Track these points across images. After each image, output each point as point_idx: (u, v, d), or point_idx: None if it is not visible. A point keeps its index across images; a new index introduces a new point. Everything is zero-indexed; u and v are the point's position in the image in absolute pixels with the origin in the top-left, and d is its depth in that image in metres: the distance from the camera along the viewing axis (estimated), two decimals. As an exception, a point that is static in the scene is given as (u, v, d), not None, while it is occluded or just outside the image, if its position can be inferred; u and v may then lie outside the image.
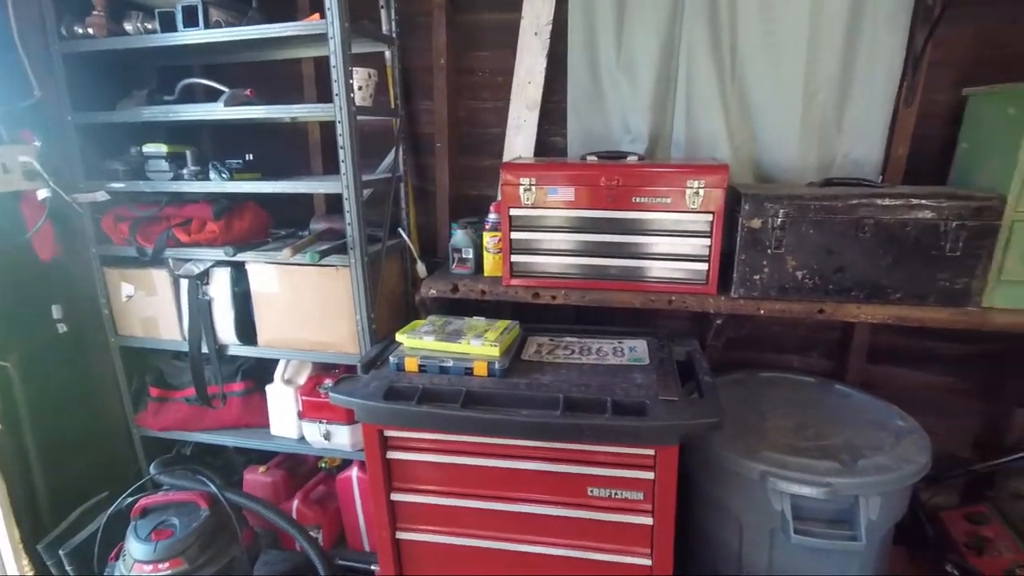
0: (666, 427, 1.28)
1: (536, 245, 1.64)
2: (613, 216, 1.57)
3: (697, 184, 1.49)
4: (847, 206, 1.43)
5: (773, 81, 1.67)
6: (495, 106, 1.92)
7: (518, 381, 1.44)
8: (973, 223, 1.37)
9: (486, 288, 1.71)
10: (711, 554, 1.62)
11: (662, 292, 1.60)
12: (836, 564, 1.44)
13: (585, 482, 1.38)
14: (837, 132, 1.69)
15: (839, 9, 1.58)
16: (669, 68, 1.72)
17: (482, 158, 1.99)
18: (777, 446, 1.49)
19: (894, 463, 1.39)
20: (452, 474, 1.42)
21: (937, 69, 1.61)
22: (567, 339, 1.72)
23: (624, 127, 1.81)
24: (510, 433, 1.35)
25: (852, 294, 1.49)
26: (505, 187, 1.59)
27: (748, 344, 1.98)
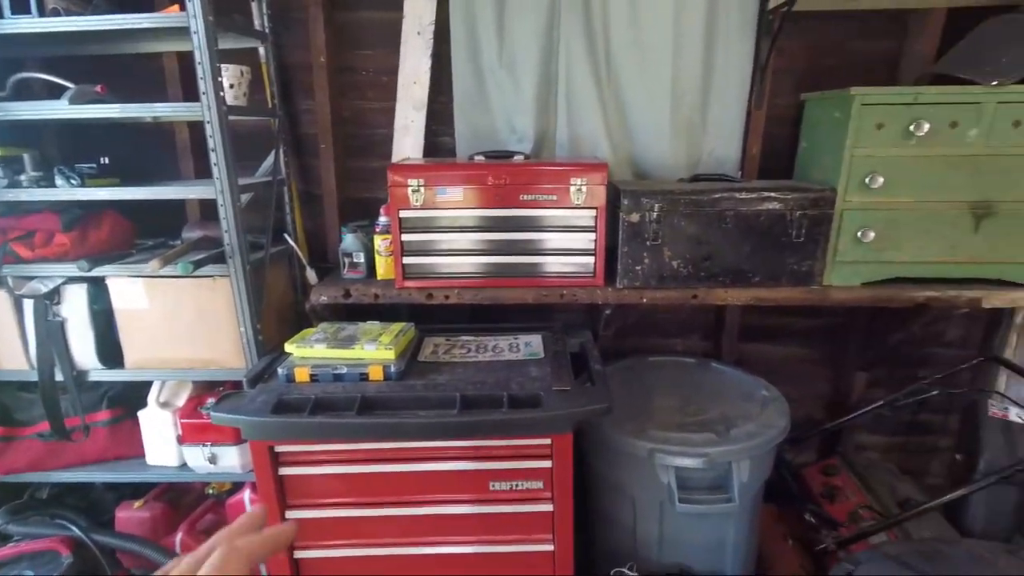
0: (560, 416, 1.34)
1: (428, 246, 1.64)
2: (502, 214, 1.60)
3: (580, 182, 1.56)
4: (711, 199, 1.56)
5: (644, 85, 1.78)
6: (382, 106, 1.88)
7: (415, 383, 1.43)
8: (812, 212, 1.55)
9: (379, 292, 1.68)
10: (609, 532, 1.71)
11: (553, 286, 1.65)
12: (716, 525, 1.58)
13: (487, 477, 1.40)
14: (702, 132, 1.84)
15: (697, 19, 1.72)
16: (550, 70, 1.79)
17: (371, 159, 1.95)
18: (662, 424, 1.60)
19: (760, 429, 1.54)
20: (351, 484, 1.38)
21: (780, 76, 1.81)
22: (464, 338, 1.74)
23: (510, 127, 1.85)
24: (409, 436, 1.34)
25: (720, 279, 1.63)
26: (393, 189, 1.57)
27: (637, 331, 2.11)
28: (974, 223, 1.53)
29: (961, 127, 1.46)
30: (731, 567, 1.62)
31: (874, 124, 1.48)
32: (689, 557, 1.61)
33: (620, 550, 1.66)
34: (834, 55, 1.80)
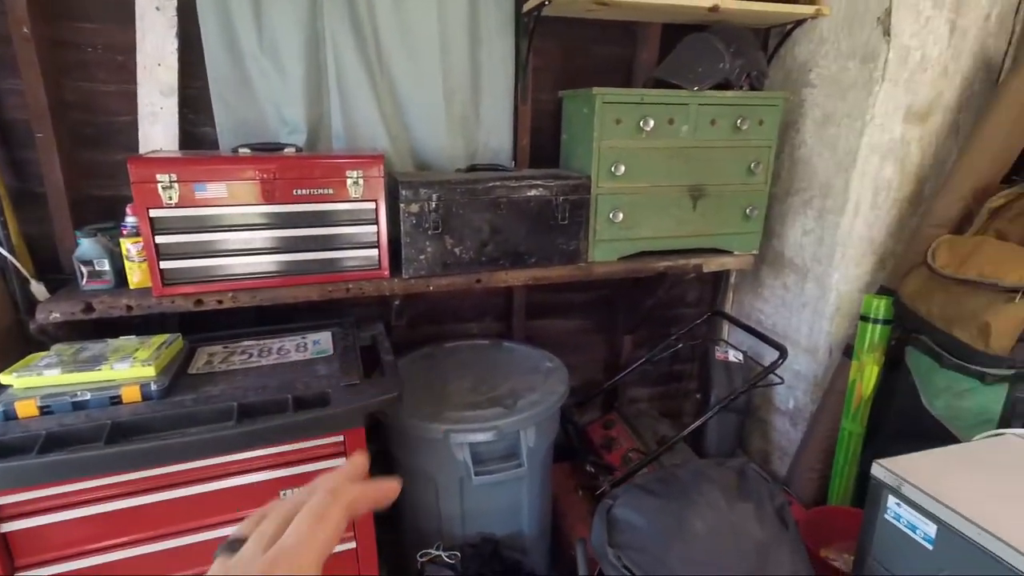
0: (349, 411, 1.33)
1: (192, 248, 1.48)
2: (275, 210, 1.51)
3: (356, 174, 1.54)
4: (486, 188, 1.66)
5: (417, 78, 1.81)
6: (119, 90, 1.63)
7: (183, 399, 1.30)
8: (573, 197, 1.74)
9: (133, 302, 1.48)
10: (415, 517, 1.75)
11: (339, 282, 1.62)
12: (511, 490, 1.71)
13: (276, 486, 1.34)
14: (476, 124, 1.94)
15: (460, 17, 1.79)
16: (318, 59, 1.72)
17: (112, 151, 1.68)
18: (457, 405, 1.68)
19: (542, 398, 1.71)
20: (111, 524, 1.21)
21: (540, 74, 1.98)
22: (245, 343, 1.63)
23: (280, 118, 1.74)
24: (177, 458, 1.22)
25: (500, 263, 1.74)
26: (138, 185, 1.39)
27: (432, 319, 2.16)
28: (693, 203, 1.86)
29: (676, 124, 1.75)
30: (527, 525, 1.78)
31: (614, 120, 1.71)
32: (491, 524, 1.72)
33: (427, 532, 1.71)
34: (583, 57, 2.03)
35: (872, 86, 1.74)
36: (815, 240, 1.98)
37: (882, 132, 1.78)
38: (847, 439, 1.90)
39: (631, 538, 1.27)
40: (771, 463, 2.28)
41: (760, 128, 1.84)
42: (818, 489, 2.03)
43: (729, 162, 1.85)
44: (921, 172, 1.87)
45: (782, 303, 2.16)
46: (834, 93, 1.87)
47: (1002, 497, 1.12)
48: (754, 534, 1.27)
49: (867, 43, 1.75)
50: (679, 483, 1.35)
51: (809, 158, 1.99)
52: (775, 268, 2.17)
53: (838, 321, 1.97)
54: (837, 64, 1.86)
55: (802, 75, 2.00)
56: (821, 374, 2.03)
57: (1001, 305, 1.44)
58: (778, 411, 2.23)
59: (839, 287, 1.93)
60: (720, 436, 2.11)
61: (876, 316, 1.79)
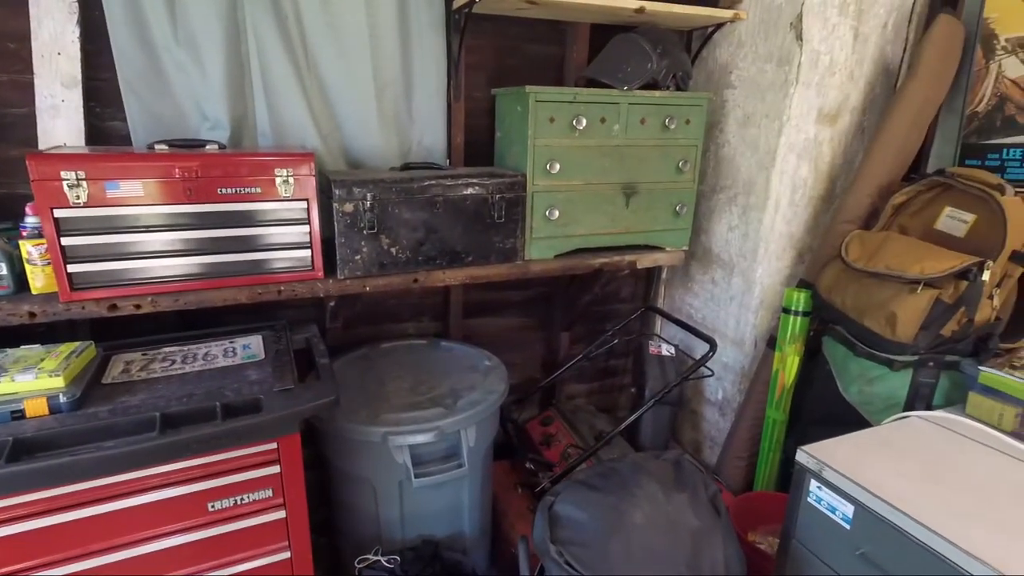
0: (283, 417, 1.28)
1: (104, 250, 1.39)
2: (197, 210, 1.44)
3: (285, 173, 1.49)
4: (421, 187, 1.64)
5: (346, 75, 1.77)
6: (13, 80, 1.50)
7: (97, 411, 1.22)
8: (508, 195, 1.75)
9: (36, 309, 1.37)
10: (353, 523, 1.71)
11: (270, 283, 1.56)
12: (451, 491, 1.70)
13: (203, 499, 1.27)
14: (409, 122, 1.91)
15: (389, 13, 1.76)
16: (240, 52, 1.65)
17: (7, 147, 1.55)
18: (395, 407, 1.65)
19: (482, 396, 1.71)
20: (17, 547, 1.12)
21: (473, 72, 1.97)
22: (166, 349, 1.54)
23: (200, 113, 1.66)
24: (91, 474, 1.14)
25: (437, 262, 1.73)
26: (39, 184, 1.28)
27: (368, 320, 2.12)
28: (625, 200, 1.91)
29: (608, 123, 1.80)
30: (468, 525, 1.77)
31: (547, 118, 1.73)
32: (431, 526, 1.71)
33: (366, 538, 1.68)
34: (515, 55, 2.05)
35: (788, 88, 1.84)
36: (740, 236, 2.08)
37: (797, 132, 1.89)
38: (771, 427, 2.00)
39: (572, 534, 1.29)
40: (702, 453, 2.38)
41: (687, 127, 1.91)
42: (745, 476, 2.14)
43: (659, 160, 1.91)
44: (832, 171, 2.00)
45: (711, 297, 2.25)
46: (753, 94, 1.97)
47: (910, 477, 1.21)
48: (689, 523, 1.31)
49: (782, 47, 1.85)
50: (618, 477, 1.38)
51: (732, 157, 2.09)
52: (704, 263, 2.27)
53: (762, 314, 2.08)
54: (755, 66, 1.96)
55: (723, 76, 2.09)
56: (748, 365, 2.13)
57: (905, 296, 1.56)
58: (708, 402, 2.33)
59: (763, 281, 2.04)
60: (655, 429, 2.18)
61: (796, 308, 1.90)
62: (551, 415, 2.23)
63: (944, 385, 1.56)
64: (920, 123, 1.84)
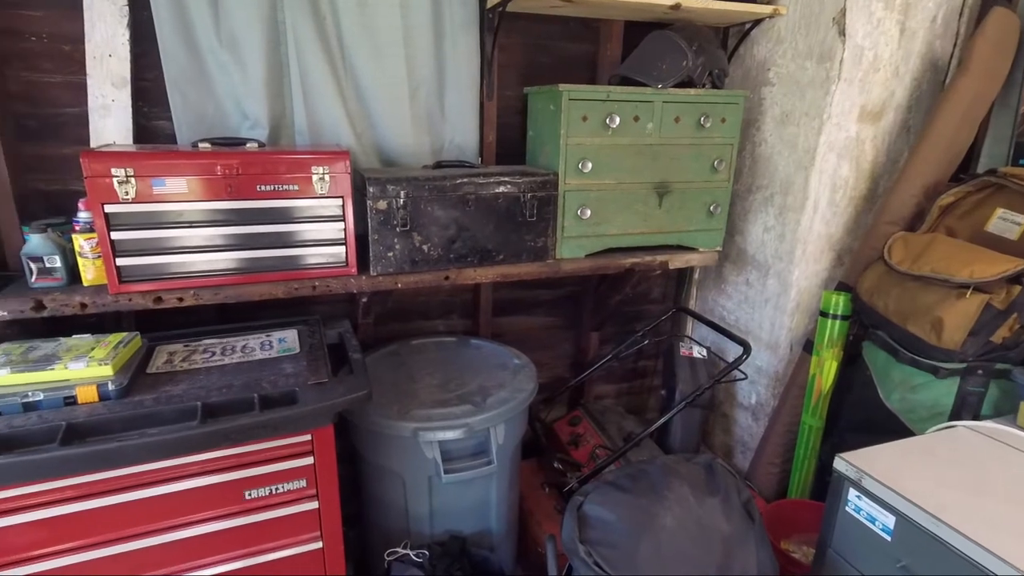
0: (317, 410, 1.31)
1: (150, 244, 1.44)
2: (237, 206, 1.48)
3: (322, 170, 1.52)
4: (454, 184, 1.65)
5: (380, 74, 1.79)
6: (67, 80, 1.57)
7: (142, 399, 1.27)
8: (540, 194, 1.74)
9: (88, 300, 1.42)
10: (383, 516, 1.73)
11: (305, 279, 1.59)
12: (480, 488, 1.71)
13: (241, 487, 1.31)
14: (442, 121, 1.93)
15: (423, 12, 1.78)
16: (279, 53, 1.69)
17: (60, 144, 1.62)
18: (425, 403, 1.67)
19: (511, 394, 1.71)
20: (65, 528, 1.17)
21: (505, 70, 1.98)
22: (206, 342, 1.59)
23: (241, 112, 1.70)
24: (137, 459, 1.18)
25: (468, 259, 1.74)
26: (92, 180, 1.33)
27: (399, 316, 2.14)
28: (658, 200, 1.89)
29: (641, 121, 1.78)
30: (495, 522, 1.78)
31: (580, 116, 1.72)
32: (458, 522, 1.72)
33: (395, 531, 1.70)
34: (547, 54, 2.04)
35: (829, 85, 1.79)
36: (776, 237, 2.04)
37: (839, 131, 1.84)
38: (807, 433, 1.95)
39: (601, 534, 1.29)
40: (733, 458, 2.33)
41: (723, 126, 1.88)
42: (779, 482, 2.09)
43: (693, 159, 1.89)
44: (875, 170, 1.93)
45: (745, 299, 2.21)
46: (792, 92, 1.93)
47: (955, 488, 1.17)
48: (721, 528, 1.29)
49: (823, 43, 1.80)
50: (648, 479, 1.36)
51: (770, 156, 2.04)
52: (738, 265, 2.23)
53: (798, 317, 2.03)
54: (795, 63, 1.91)
55: (761, 74, 2.05)
56: (782, 369, 2.08)
57: (953, 301, 1.50)
58: (740, 406, 2.28)
59: (799, 283, 1.99)
60: (684, 432, 2.15)
61: (835, 312, 1.85)
62: (579, 415, 2.22)
63: (993, 394, 1.50)
64: (970, 120, 1.77)
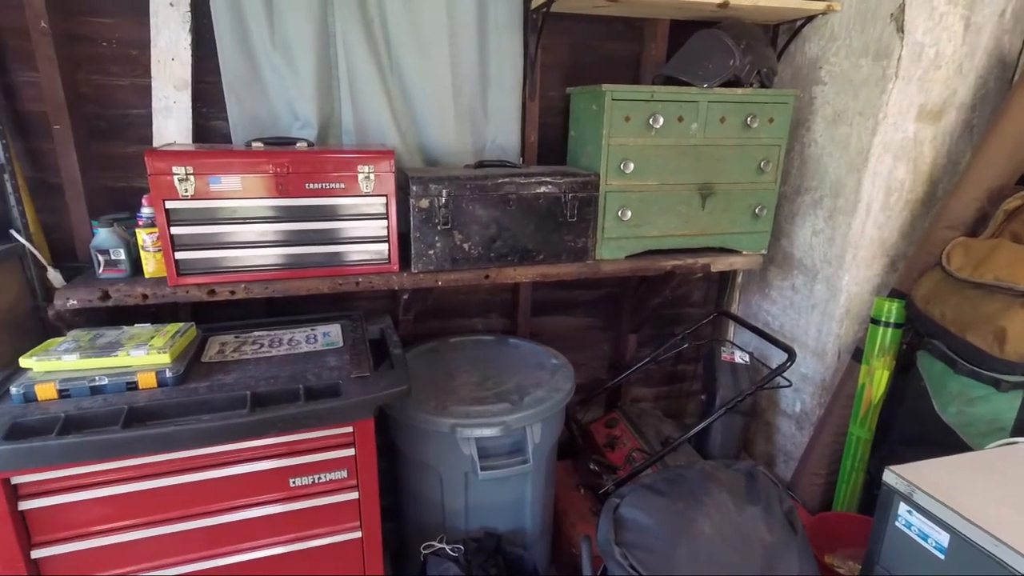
0: (359, 402, 1.34)
1: (206, 239, 1.50)
2: (287, 204, 1.53)
3: (367, 169, 1.56)
4: (495, 184, 1.67)
5: (425, 75, 1.82)
6: (133, 83, 1.66)
7: (197, 386, 1.33)
8: (581, 195, 1.74)
9: (148, 291, 1.50)
10: (419, 510, 1.76)
11: (349, 275, 1.63)
12: (515, 486, 1.72)
13: (286, 474, 1.36)
14: (484, 121, 1.95)
15: (468, 13, 1.80)
16: (328, 56, 1.74)
17: (126, 144, 1.71)
18: (463, 400, 1.69)
19: (548, 394, 1.71)
20: (125, 506, 1.24)
21: (548, 70, 1.98)
22: (256, 333, 1.65)
23: (292, 113, 1.76)
24: (191, 443, 1.24)
25: (508, 259, 1.75)
26: (155, 178, 1.41)
27: (438, 314, 2.17)
28: (701, 202, 1.86)
29: (685, 121, 1.75)
30: (530, 521, 1.78)
31: (623, 117, 1.71)
32: (493, 519, 1.73)
33: (431, 525, 1.72)
34: (591, 54, 2.03)
35: (885, 84, 1.73)
36: (825, 241, 1.97)
37: (895, 131, 1.77)
38: (855, 444, 1.88)
39: (638, 537, 1.28)
40: (775, 467, 2.27)
41: (770, 126, 1.83)
42: (823, 494, 2.02)
43: (738, 160, 1.85)
44: (934, 172, 1.85)
45: (790, 304, 2.15)
46: (845, 91, 1.86)
47: (1017, 507, 1.10)
48: (762, 537, 1.26)
49: (880, 39, 1.74)
50: (686, 484, 1.35)
51: (820, 157, 1.98)
52: (783, 269, 2.17)
53: (847, 324, 1.96)
54: (849, 61, 1.85)
55: (812, 72, 1.99)
56: (829, 377, 2.02)
57: (1018, 310, 1.42)
58: (784, 414, 2.22)
59: (849, 289, 1.92)
60: (725, 438, 2.10)
61: (887, 319, 1.78)
62: (616, 417, 2.20)
63: (1059, 409, 1.42)
64: (1040, 120, 1.67)
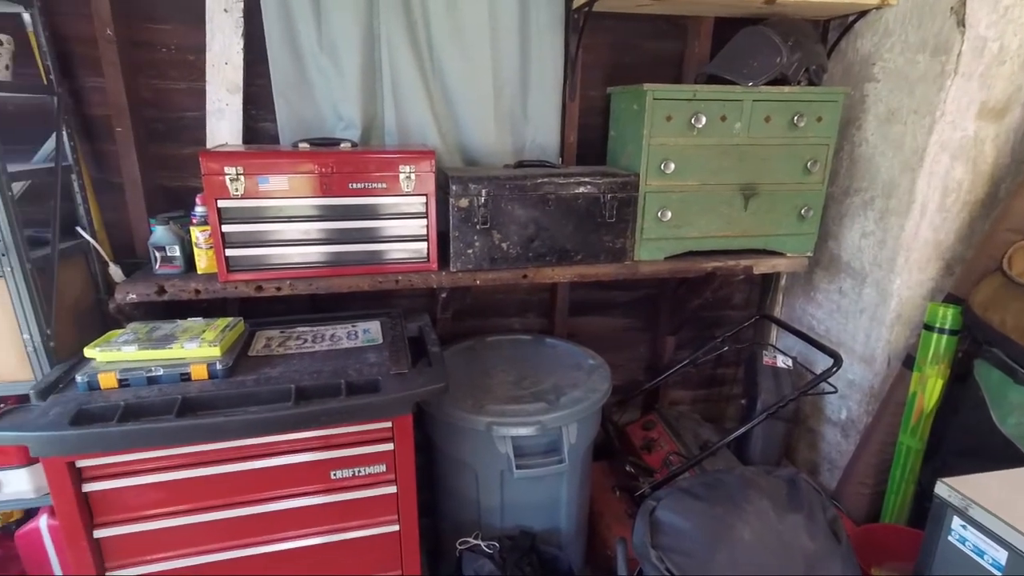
0: (398, 399, 1.37)
1: (254, 237, 1.56)
2: (331, 203, 1.57)
3: (408, 169, 1.59)
4: (534, 184, 1.67)
5: (467, 75, 1.84)
6: (189, 87, 1.74)
7: (244, 379, 1.38)
8: (620, 195, 1.73)
9: (200, 286, 1.57)
10: (455, 506, 1.78)
11: (389, 273, 1.67)
12: (550, 486, 1.72)
13: (328, 467, 1.39)
14: (524, 121, 1.96)
15: (510, 14, 1.81)
16: (373, 57, 1.78)
17: (182, 145, 1.79)
18: (500, 398, 1.70)
19: (585, 394, 1.71)
20: (176, 491, 1.30)
21: (589, 70, 1.97)
22: (299, 329, 1.70)
23: (336, 114, 1.81)
24: (239, 434, 1.29)
25: (547, 259, 1.75)
26: (208, 177, 1.47)
27: (476, 313, 2.19)
28: (744, 203, 1.82)
29: (729, 121, 1.72)
30: (565, 521, 1.78)
31: (664, 116, 1.69)
32: (529, 518, 1.74)
33: (466, 522, 1.74)
34: (632, 53, 2.02)
35: (943, 80, 1.66)
36: (876, 243, 1.90)
37: (953, 129, 1.69)
38: (905, 454, 1.81)
39: (674, 541, 1.26)
40: (819, 475, 2.20)
41: (818, 125, 1.78)
42: (870, 505, 1.95)
43: (784, 160, 1.80)
44: (996, 172, 1.76)
45: (837, 308, 2.08)
46: (900, 88, 1.79)
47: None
48: (804, 546, 1.23)
49: (939, 34, 1.67)
50: (725, 489, 1.32)
51: (871, 156, 1.91)
52: (830, 272, 2.10)
53: (898, 329, 1.88)
54: (904, 57, 1.78)
55: (865, 69, 1.92)
56: (877, 385, 1.94)
57: (1083, 317, 1.35)
58: (828, 421, 2.15)
59: (901, 293, 1.85)
60: (765, 444, 2.05)
61: (942, 325, 1.70)
62: (653, 420, 2.18)
63: None
64: (1114, 117, 1.58)
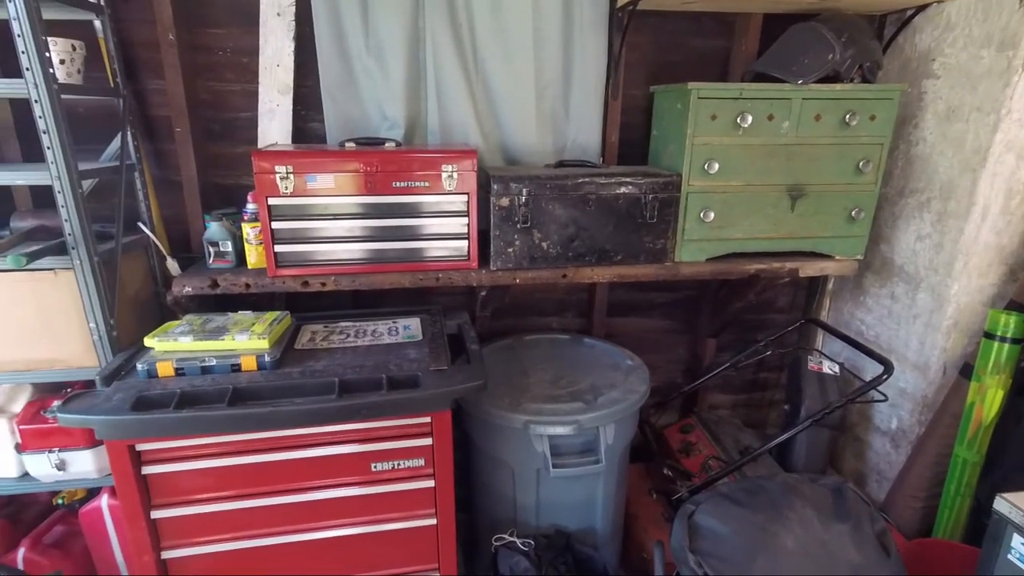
0: (437, 395, 1.39)
1: (301, 234, 1.61)
2: (375, 201, 1.61)
3: (451, 168, 1.61)
4: (575, 184, 1.67)
5: (510, 75, 1.85)
6: (243, 88, 1.80)
7: (291, 371, 1.42)
8: (662, 195, 1.71)
9: (250, 281, 1.63)
10: (491, 503, 1.80)
11: (429, 270, 1.69)
12: (586, 486, 1.72)
13: (368, 459, 1.43)
14: (566, 121, 1.96)
15: (554, 14, 1.82)
16: (418, 59, 1.81)
17: (235, 144, 1.86)
18: (537, 397, 1.70)
19: (623, 395, 1.70)
20: (225, 477, 1.35)
21: (632, 69, 1.96)
22: (343, 324, 1.74)
23: (381, 114, 1.85)
24: (285, 424, 1.33)
25: (586, 259, 1.75)
26: (259, 176, 1.52)
27: (514, 312, 2.20)
28: (791, 204, 1.77)
29: (776, 120, 1.68)
30: (600, 522, 1.77)
31: (709, 115, 1.66)
32: (564, 517, 1.74)
33: (502, 518, 1.76)
34: (677, 51, 1.99)
35: (1010, 76, 1.57)
36: (932, 246, 1.83)
37: (1020, 128, 1.61)
38: (960, 467, 1.73)
39: (713, 546, 1.24)
40: (867, 486, 2.13)
41: (871, 124, 1.72)
42: (922, 519, 1.87)
43: (834, 160, 1.75)
44: (1064, 174, 1.67)
45: (888, 314, 2.00)
46: (962, 84, 1.71)
47: None
48: (850, 558, 1.20)
49: (1005, 28, 1.59)
50: (767, 496, 1.30)
51: (928, 156, 1.83)
52: (881, 275, 2.02)
53: (956, 337, 1.80)
54: (967, 52, 1.70)
55: (923, 65, 1.84)
56: (931, 394, 1.86)
57: None
58: (878, 430, 2.07)
59: (959, 299, 1.77)
60: (810, 452, 1.99)
61: (1004, 334, 1.62)
62: (692, 423, 2.15)
63: None
64: None
